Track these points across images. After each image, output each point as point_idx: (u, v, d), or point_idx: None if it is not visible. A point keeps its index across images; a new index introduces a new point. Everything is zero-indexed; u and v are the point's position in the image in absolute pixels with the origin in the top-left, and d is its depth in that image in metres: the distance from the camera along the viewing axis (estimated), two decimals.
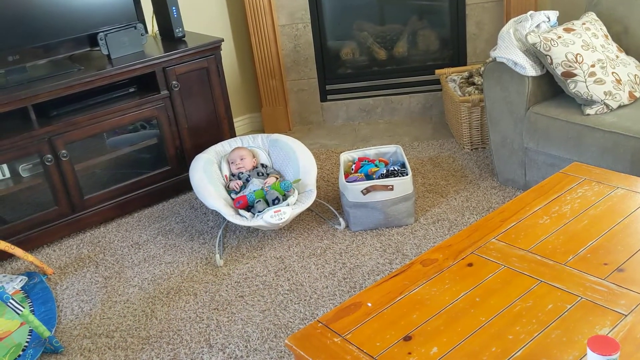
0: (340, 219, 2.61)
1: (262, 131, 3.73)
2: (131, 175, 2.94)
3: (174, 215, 2.88)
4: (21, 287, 2.42)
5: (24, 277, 2.47)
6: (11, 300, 2.02)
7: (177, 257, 2.55)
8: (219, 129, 3.08)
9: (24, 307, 2.03)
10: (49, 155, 2.62)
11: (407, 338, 1.33)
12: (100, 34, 2.76)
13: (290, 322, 2.07)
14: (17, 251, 2.41)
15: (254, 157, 2.80)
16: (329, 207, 2.74)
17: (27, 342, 2.12)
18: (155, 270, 2.48)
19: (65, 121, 2.65)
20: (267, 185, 2.58)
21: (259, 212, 2.42)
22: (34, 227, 2.68)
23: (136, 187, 2.93)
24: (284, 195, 2.51)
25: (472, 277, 1.52)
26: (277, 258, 2.44)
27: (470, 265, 1.57)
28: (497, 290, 1.46)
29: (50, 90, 2.57)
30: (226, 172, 2.76)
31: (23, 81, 2.61)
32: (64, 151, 2.65)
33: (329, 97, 3.68)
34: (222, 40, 2.97)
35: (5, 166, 2.70)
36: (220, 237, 2.60)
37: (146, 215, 2.92)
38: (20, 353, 2.07)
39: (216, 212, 2.79)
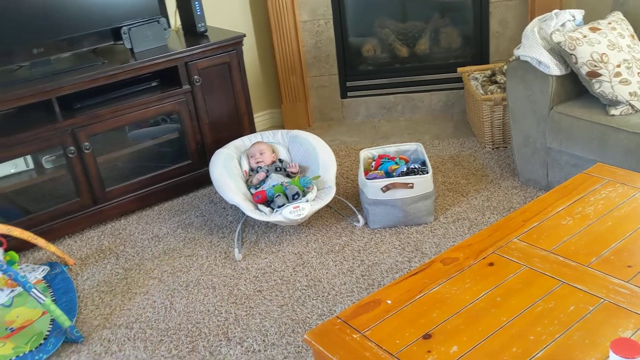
0: (359, 216, 2.60)
1: (282, 127, 3.73)
2: (152, 168, 2.97)
3: (194, 209, 2.90)
4: (43, 277, 2.45)
5: (46, 267, 2.50)
6: (34, 290, 2.05)
7: (196, 250, 2.57)
8: (239, 124, 3.09)
9: (45, 297, 2.06)
10: (72, 148, 2.65)
11: (427, 336, 1.32)
12: (124, 27, 2.78)
13: (308, 317, 2.08)
14: (40, 241, 2.45)
15: (273, 152, 2.80)
16: (347, 204, 2.74)
17: (48, 331, 2.14)
18: (174, 263, 2.50)
19: (89, 114, 2.67)
20: (290, 172, 2.59)
21: (279, 206, 2.43)
22: (56, 218, 2.71)
23: (157, 181, 2.95)
24: (303, 191, 2.51)
25: (493, 277, 1.51)
26: (296, 254, 2.45)
27: (491, 264, 1.56)
28: (519, 291, 1.45)
29: (74, 83, 2.60)
30: (246, 167, 2.78)
31: (47, 74, 2.64)
32: (86, 143, 2.68)
33: (349, 93, 3.67)
34: (244, 35, 2.98)
35: (29, 158, 2.73)
36: (239, 232, 2.61)
37: (166, 209, 2.94)
38: (42, 342, 2.10)
39: (235, 206, 2.80)
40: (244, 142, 2.88)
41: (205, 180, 3.03)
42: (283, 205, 2.42)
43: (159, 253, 2.58)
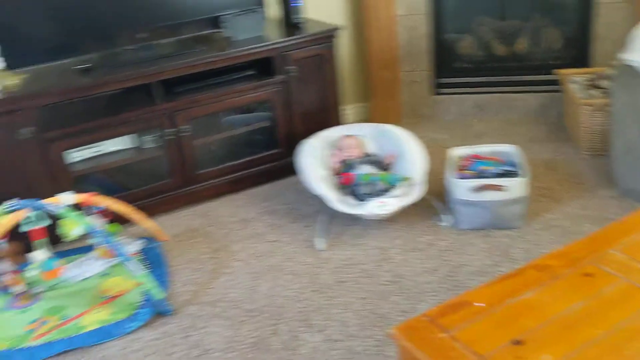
0: (446, 216, 2.57)
1: (369, 121, 3.72)
2: (243, 154, 3.06)
3: (280, 197, 2.96)
4: (139, 250, 2.58)
5: (142, 241, 2.64)
6: (131, 261, 2.17)
7: (280, 236, 2.62)
8: (328, 116, 3.12)
9: (141, 269, 2.18)
10: (170, 130, 2.77)
11: (518, 342, 1.29)
12: (224, 16, 2.87)
13: (390, 312, 2.08)
14: (137, 216, 2.58)
15: (361, 145, 2.81)
16: (434, 202, 2.71)
17: (140, 301, 2.27)
18: (259, 247, 2.56)
19: (187, 98, 2.79)
20: (384, 164, 2.62)
21: (363, 194, 2.44)
22: (152, 196, 2.85)
23: (246, 166, 3.04)
24: (390, 188, 2.51)
25: (590, 288, 1.45)
26: (379, 248, 2.45)
27: (587, 275, 1.49)
28: (617, 304, 1.38)
29: (175, 68, 2.71)
30: (333, 159, 2.80)
31: (150, 58, 2.77)
32: (184, 127, 2.80)
33: (441, 90, 3.62)
34: (340, 28, 3.00)
35: (130, 137, 2.88)
36: (323, 222, 2.65)
37: (254, 194, 3.02)
38: (135, 311, 2.22)
39: (320, 197, 2.83)
40: (332, 133, 2.90)
41: (292, 169, 3.08)
42: (367, 194, 2.43)
43: (246, 236, 2.66)
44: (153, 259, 2.53)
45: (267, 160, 3.08)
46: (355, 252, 2.45)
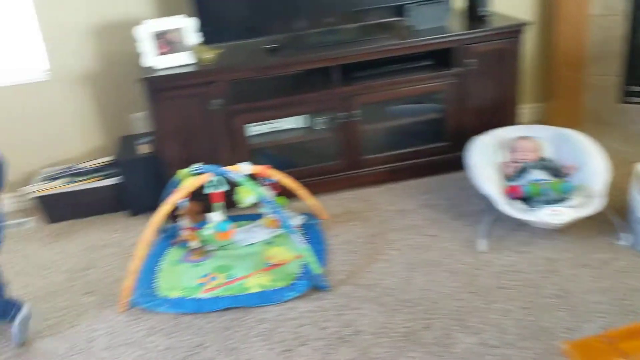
0: (626, 235, 2.36)
1: (544, 123, 3.51)
2: (408, 144, 3.05)
3: (441, 191, 2.92)
4: (300, 225, 2.69)
5: (304, 216, 2.75)
6: (296, 234, 2.27)
7: (439, 232, 2.58)
8: (504, 114, 3.00)
9: (304, 242, 2.27)
10: (343, 113, 2.84)
11: None
12: (409, 5, 2.86)
13: (553, 327, 1.96)
14: (302, 193, 2.69)
15: (538, 149, 2.66)
16: (613, 218, 2.49)
17: (299, 273, 2.37)
18: (417, 239, 2.55)
19: (363, 84, 2.83)
20: (563, 172, 2.48)
21: (536, 203, 2.32)
22: (316, 175, 2.95)
23: (410, 157, 3.03)
24: (563, 197, 2.36)
25: None
26: (546, 259, 2.32)
27: None
28: None
29: (357, 54, 2.76)
30: (505, 159, 2.69)
31: (334, 42, 2.85)
32: (356, 111, 2.85)
33: (631, 99, 3.31)
34: (528, 23, 2.86)
35: (303, 117, 3.00)
36: (487, 223, 2.56)
37: (414, 185, 3.00)
38: (292, 281, 2.32)
39: (486, 196, 2.74)
40: (507, 132, 2.79)
41: (457, 165, 3.01)
42: (540, 204, 2.30)
43: (403, 227, 2.65)
44: (312, 235, 2.62)
45: (432, 152, 3.04)
46: (519, 259, 2.34)
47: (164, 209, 2.29)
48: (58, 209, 2.99)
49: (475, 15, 2.99)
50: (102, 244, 2.79)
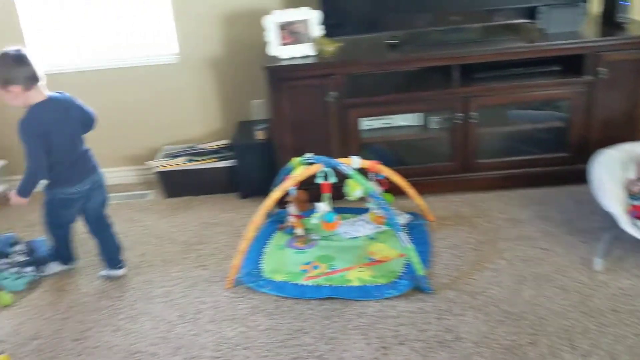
0: None
1: None
2: (525, 152, 2.93)
3: (557, 204, 2.78)
4: (405, 224, 2.67)
5: (410, 215, 2.73)
6: (401, 232, 2.26)
7: (552, 246, 2.47)
8: (634, 128, 2.80)
9: (409, 242, 2.25)
10: (460, 114, 2.78)
11: None
12: (542, 7, 2.74)
13: None
14: (411, 192, 2.66)
15: None
16: None
17: (401, 272, 2.35)
18: (528, 251, 2.45)
19: (484, 86, 2.76)
20: None
21: None
22: (426, 175, 2.91)
23: (526, 165, 2.91)
24: None
25: None
26: None
27: None
28: None
29: (480, 54, 2.69)
30: (631, 176, 2.51)
31: (456, 41, 2.79)
32: (474, 113, 2.78)
33: None
34: None
35: (418, 115, 2.96)
36: (606, 242, 2.41)
37: (527, 195, 2.88)
38: (394, 280, 2.31)
39: (607, 214, 2.58)
40: (635, 147, 2.60)
41: (577, 178, 2.85)
42: None
43: (514, 237, 2.56)
44: (417, 235, 2.59)
45: (551, 162, 2.90)
46: (638, 283, 2.18)
47: (275, 194, 2.36)
48: (176, 185, 3.18)
49: (612, 21, 2.81)
50: (214, 221, 2.93)
